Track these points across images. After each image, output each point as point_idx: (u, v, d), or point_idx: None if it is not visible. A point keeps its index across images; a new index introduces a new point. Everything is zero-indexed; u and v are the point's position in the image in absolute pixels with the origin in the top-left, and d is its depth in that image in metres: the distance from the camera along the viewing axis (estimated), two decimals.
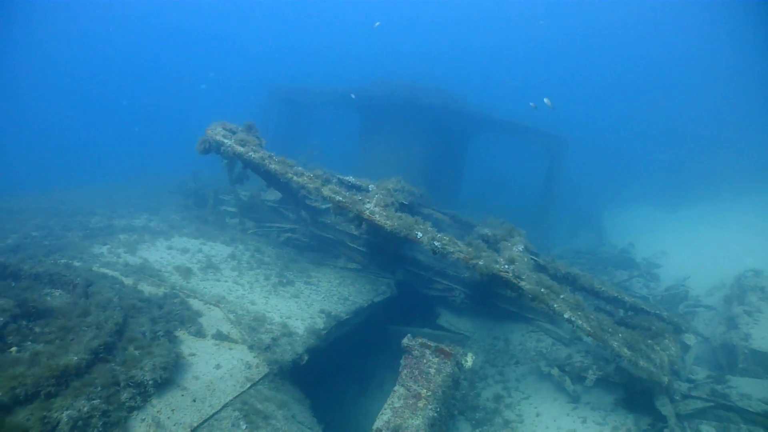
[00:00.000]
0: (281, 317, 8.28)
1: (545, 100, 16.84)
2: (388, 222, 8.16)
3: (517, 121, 23.39)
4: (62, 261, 9.00)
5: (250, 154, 9.13)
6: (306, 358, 7.47)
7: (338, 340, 8.77)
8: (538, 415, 7.93)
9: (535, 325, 10.37)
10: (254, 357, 6.91)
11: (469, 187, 26.56)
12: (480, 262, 7.74)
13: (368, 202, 8.53)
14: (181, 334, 7.00)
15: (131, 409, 5.14)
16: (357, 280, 10.64)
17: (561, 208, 25.87)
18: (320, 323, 8.44)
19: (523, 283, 7.67)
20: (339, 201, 8.43)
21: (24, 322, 6.23)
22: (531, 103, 17.36)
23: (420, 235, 7.97)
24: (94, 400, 4.85)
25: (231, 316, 7.91)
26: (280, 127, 25.55)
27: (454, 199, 23.00)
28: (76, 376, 5.12)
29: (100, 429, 4.71)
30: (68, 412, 4.59)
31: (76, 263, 9.07)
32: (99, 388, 5.04)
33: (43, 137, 56.35)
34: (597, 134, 58.24)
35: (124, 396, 5.15)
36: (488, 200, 26.73)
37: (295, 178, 8.79)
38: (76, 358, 5.24)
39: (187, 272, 9.52)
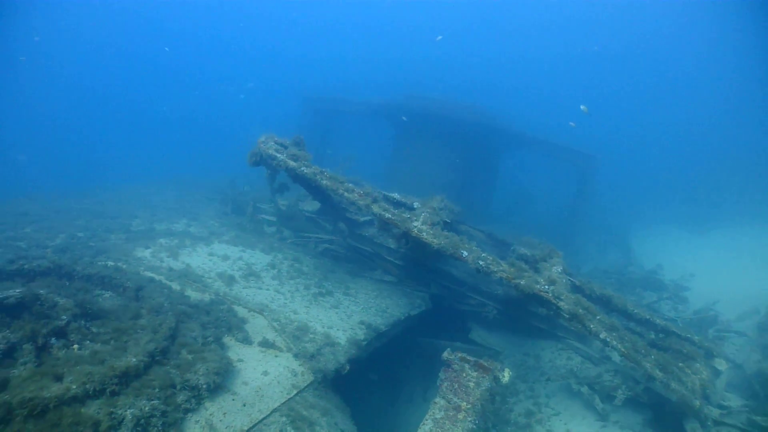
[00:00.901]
0: (323, 327, 8.52)
1: (582, 107, 17.01)
2: (435, 240, 8.39)
3: (548, 138, 23.47)
4: (110, 264, 9.32)
5: (302, 169, 9.39)
6: (348, 368, 7.70)
7: (375, 351, 8.98)
8: (568, 431, 8.11)
9: (565, 344, 10.53)
10: (299, 365, 7.16)
11: (498, 202, 26.61)
12: (522, 282, 7.95)
13: (415, 220, 8.76)
14: (228, 340, 7.26)
15: (186, 411, 5.40)
16: (393, 293, 10.85)
17: (588, 226, 25.81)
18: (361, 334, 8.67)
19: (562, 304, 7.87)
20: (388, 218, 8.68)
21: (82, 322, 6.54)
22: (571, 123, 17.54)
23: (466, 254, 8.19)
24: (153, 400, 5.12)
25: (275, 324, 8.17)
26: (314, 134, 25.69)
27: (484, 214, 23.06)
28: (135, 376, 5.41)
29: (160, 428, 4.98)
30: (131, 410, 4.87)
31: (122, 265, 9.38)
32: (157, 390, 5.31)
33: (87, 140, 57.75)
34: (626, 152, 57.87)
35: (180, 398, 5.42)
36: (516, 216, 26.73)
37: (346, 194, 9.06)
38: (134, 360, 5.52)
39: (229, 279, 9.80)
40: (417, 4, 70.82)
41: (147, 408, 4.97)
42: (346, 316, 9.25)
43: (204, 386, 5.70)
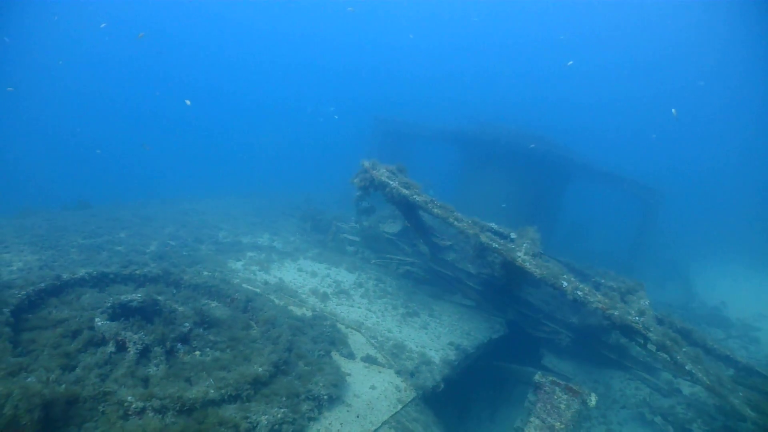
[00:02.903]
0: (417, 346, 8.83)
1: (673, 111, 17.40)
2: (537, 270, 8.64)
3: (614, 170, 23.39)
4: (212, 274, 9.79)
5: (414, 197, 9.74)
6: (442, 386, 7.97)
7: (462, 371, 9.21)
8: None
9: (633, 374, 10.62)
10: (401, 381, 7.45)
11: (559, 231, 26.49)
12: (615, 313, 8.15)
13: (519, 250, 9.02)
14: (334, 354, 7.60)
15: (309, 420, 5.72)
16: (474, 317, 11.07)
17: (648, 259, 25.54)
18: (452, 355, 8.95)
19: (651, 335, 8.05)
20: (495, 248, 8.95)
21: (201, 330, 6.96)
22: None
23: (565, 284, 8.43)
24: (282, 408, 5.46)
25: (373, 341, 8.49)
26: (383, 155, 25.82)
27: (546, 243, 23.02)
28: (263, 384, 5.78)
29: None
30: (266, 416, 5.21)
31: (219, 275, 9.85)
32: (284, 398, 5.67)
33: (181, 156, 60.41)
34: (687, 185, 56.58)
35: (305, 407, 5.75)
36: (576, 245, 26.58)
37: (456, 223, 9.35)
38: (261, 369, 5.89)
39: (323, 296, 10.19)
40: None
41: (279, 415, 5.31)
42: (435, 337, 9.54)
43: (325, 397, 6.04)
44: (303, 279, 11.20)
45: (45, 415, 4.37)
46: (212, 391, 5.31)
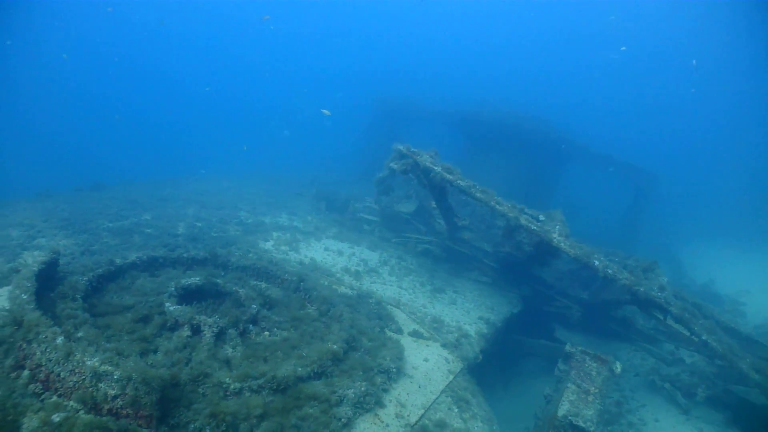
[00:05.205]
0: (453, 321, 9.35)
1: (693, 62, 17.91)
2: (571, 250, 9.18)
3: (611, 153, 23.70)
4: (264, 256, 10.15)
5: (458, 182, 10.15)
6: (480, 357, 8.52)
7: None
8: (656, 420, 9.01)
9: (638, 345, 11.28)
10: (448, 353, 7.99)
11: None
12: (641, 289, 8.76)
13: (554, 232, 9.54)
14: (386, 330, 8.09)
15: (383, 391, 6.20)
16: (493, 293, 11.58)
17: (638, 239, 25.91)
18: (484, 328, 9.51)
19: (672, 308, 8.68)
20: (533, 230, 9.47)
21: (265, 311, 7.38)
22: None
23: (597, 263, 8.98)
24: (363, 381, 5.92)
25: (413, 317, 9.00)
26: (381, 133, 25.80)
27: None
28: (339, 361, 6.24)
29: (372, 405, 5.80)
30: (351, 390, 5.66)
31: (251, 255, 10.17)
32: (361, 372, 6.13)
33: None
34: (679, 169, 56.58)
35: (379, 380, 6.21)
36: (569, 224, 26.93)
37: (497, 206, 9.79)
38: (335, 346, 6.32)
39: (356, 274, 10.63)
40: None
41: (363, 388, 5.78)
42: (465, 312, 10.07)
43: (394, 370, 6.54)
44: (332, 258, 11.61)
45: (161, 397, 4.64)
46: (300, 369, 5.67)
